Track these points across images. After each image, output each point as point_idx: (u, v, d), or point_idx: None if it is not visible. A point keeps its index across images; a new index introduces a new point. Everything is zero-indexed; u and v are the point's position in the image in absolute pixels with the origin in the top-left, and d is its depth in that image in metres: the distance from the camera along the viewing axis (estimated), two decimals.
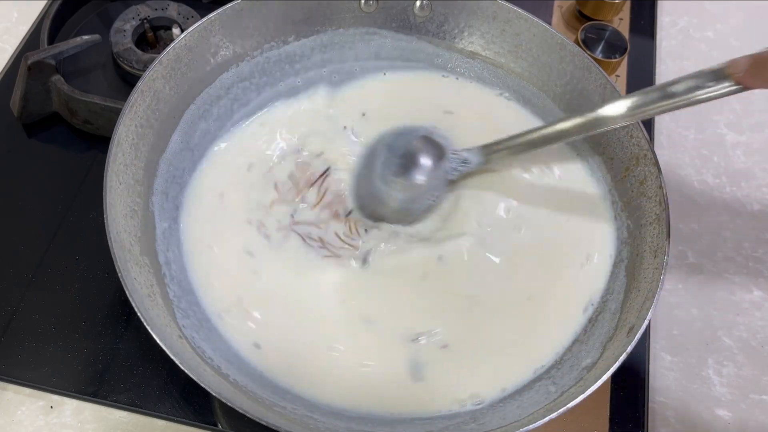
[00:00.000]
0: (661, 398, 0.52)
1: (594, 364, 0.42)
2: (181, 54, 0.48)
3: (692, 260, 0.59)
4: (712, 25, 0.77)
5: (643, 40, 0.73)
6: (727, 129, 0.68)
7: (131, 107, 0.45)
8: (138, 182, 0.45)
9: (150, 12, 0.63)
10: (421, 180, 0.49)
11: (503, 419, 0.41)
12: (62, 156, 0.58)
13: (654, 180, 0.46)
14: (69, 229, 0.54)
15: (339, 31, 0.56)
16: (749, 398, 0.53)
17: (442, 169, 0.49)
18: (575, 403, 0.38)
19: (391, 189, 0.49)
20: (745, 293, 0.58)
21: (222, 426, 0.47)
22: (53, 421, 0.47)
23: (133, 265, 0.42)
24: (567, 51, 0.52)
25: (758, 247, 0.60)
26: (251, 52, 0.53)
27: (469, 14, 0.55)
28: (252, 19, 0.52)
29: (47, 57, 0.55)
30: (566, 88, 0.53)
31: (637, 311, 0.43)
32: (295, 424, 0.39)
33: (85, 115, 0.57)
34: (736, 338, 0.55)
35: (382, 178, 0.49)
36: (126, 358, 0.48)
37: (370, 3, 0.55)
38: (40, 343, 0.49)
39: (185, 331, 0.42)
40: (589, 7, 0.71)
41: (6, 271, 0.52)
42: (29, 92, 0.56)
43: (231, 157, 0.52)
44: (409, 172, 0.49)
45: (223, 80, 0.52)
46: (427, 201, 0.50)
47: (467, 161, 0.50)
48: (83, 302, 0.51)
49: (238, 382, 0.42)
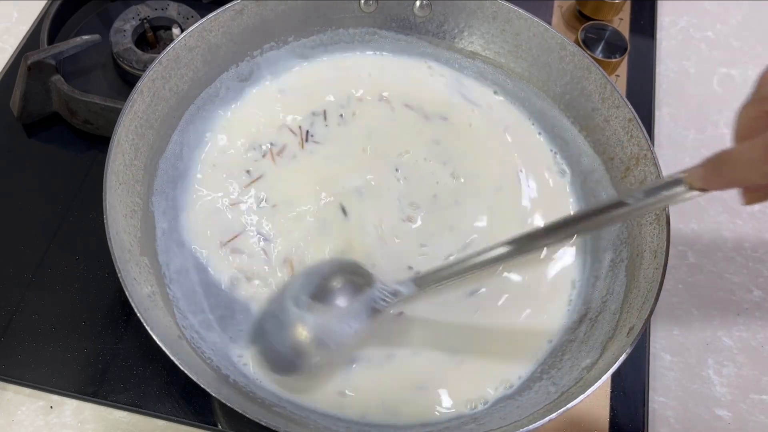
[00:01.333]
0: (661, 398, 0.52)
1: (594, 364, 0.42)
2: (181, 54, 0.48)
3: (692, 260, 0.59)
4: (712, 25, 0.77)
5: (643, 40, 0.73)
6: (727, 129, 0.68)
7: (131, 107, 0.45)
8: (138, 182, 0.45)
9: (150, 12, 0.63)
10: (340, 303, 0.44)
11: (503, 419, 0.41)
12: (62, 156, 0.58)
13: (654, 180, 0.46)
14: (69, 229, 0.54)
15: (339, 31, 0.56)
16: (749, 398, 0.53)
17: (367, 296, 0.44)
18: (575, 403, 0.38)
19: (303, 311, 0.43)
20: (745, 293, 0.58)
21: (222, 426, 0.47)
22: (53, 421, 0.47)
23: (133, 265, 0.42)
24: (567, 51, 0.52)
25: (758, 247, 0.60)
26: (251, 52, 0.53)
27: (469, 14, 0.55)
28: (252, 19, 0.52)
29: (47, 57, 0.55)
30: (566, 88, 0.53)
31: (637, 311, 0.43)
32: (295, 424, 0.39)
33: (85, 115, 0.57)
34: (736, 338, 0.55)
35: (294, 300, 0.44)
36: (126, 358, 0.48)
37: (370, 3, 0.55)
38: (40, 343, 0.49)
39: (185, 331, 0.43)
40: (589, 7, 0.71)
41: (6, 271, 0.52)
42: (29, 92, 0.56)
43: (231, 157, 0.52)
44: (327, 294, 0.44)
45: (223, 80, 0.52)
46: (346, 331, 0.44)
47: (397, 293, 0.45)
48: (83, 302, 0.50)
49: (238, 382, 0.42)
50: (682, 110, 0.69)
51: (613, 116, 0.50)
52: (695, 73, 0.72)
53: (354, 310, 0.44)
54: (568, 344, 0.46)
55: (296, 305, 0.44)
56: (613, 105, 0.50)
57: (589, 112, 0.52)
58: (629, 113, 0.49)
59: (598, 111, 0.51)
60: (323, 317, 0.43)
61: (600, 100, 0.51)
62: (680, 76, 0.72)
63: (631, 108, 0.49)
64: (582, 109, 0.53)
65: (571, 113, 0.54)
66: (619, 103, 0.49)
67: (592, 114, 0.52)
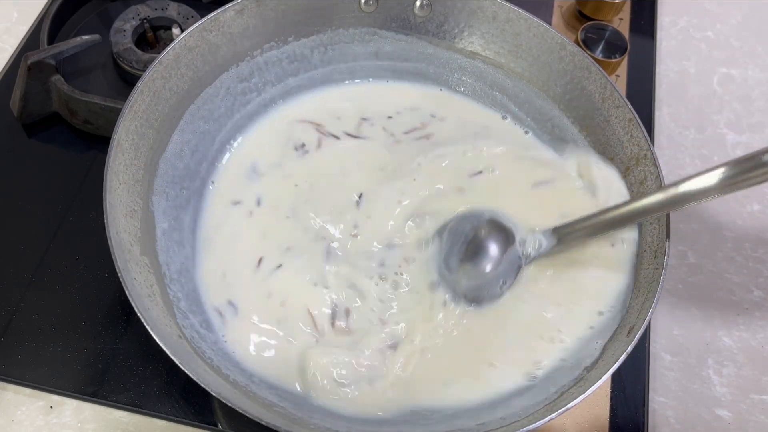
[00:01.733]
0: (661, 398, 0.52)
1: (594, 364, 0.42)
2: (181, 54, 0.48)
3: (692, 260, 0.59)
4: (712, 25, 0.77)
5: (643, 40, 0.73)
6: (727, 129, 0.68)
7: (131, 107, 0.45)
8: (138, 182, 0.45)
9: (150, 12, 0.63)
10: (489, 268, 0.45)
11: (503, 419, 0.41)
12: (62, 156, 0.58)
13: (654, 180, 0.46)
14: (69, 229, 0.54)
15: (339, 31, 0.56)
16: (749, 398, 0.53)
17: (511, 253, 0.46)
18: (575, 403, 0.38)
19: (457, 276, 0.46)
20: (745, 293, 0.58)
21: (222, 426, 0.47)
22: (53, 421, 0.47)
23: (133, 265, 0.41)
24: (567, 51, 0.52)
25: (758, 247, 0.60)
26: (251, 52, 0.53)
27: (469, 14, 0.55)
28: (252, 19, 0.52)
29: (47, 57, 0.55)
30: (566, 88, 0.53)
31: (637, 311, 0.43)
32: (295, 424, 0.39)
33: (85, 115, 0.57)
34: (736, 338, 0.55)
35: (447, 265, 0.47)
36: (126, 358, 0.48)
37: (370, 3, 0.55)
38: (40, 343, 0.49)
39: (185, 331, 0.43)
40: (589, 7, 0.71)
41: (6, 271, 0.52)
42: (29, 92, 0.56)
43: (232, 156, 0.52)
44: (477, 260, 0.46)
45: (223, 80, 0.52)
46: (494, 290, 0.46)
47: (541, 245, 0.46)
48: (83, 302, 0.50)
49: (238, 382, 0.42)
50: (682, 110, 0.69)
51: (613, 116, 0.50)
52: (695, 73, 0.72)
53: (503, 270, 0.46)
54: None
55: (447, 269, 0.46)
56: (613, 105, 0.50)
57: (589, 112, 0.52)
58: (629, 113, 0.49)
59: (598, 111, 0.51)
60: (476, 281, 0.46)
61: (600, 100, 0.51)
62: (680, 76, 0.72)
63: (631, 108, 0.49)
64: (582, 109, 0.53)
65: (571, 113, 0.54)
66: (619, 103, 0.49)
67: (592, 114, 0.52)
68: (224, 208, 0.51)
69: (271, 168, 0.53)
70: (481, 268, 0.46)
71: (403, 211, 0.50)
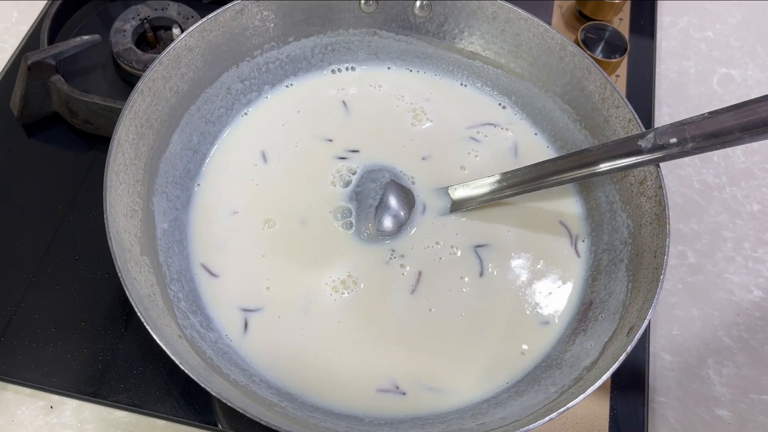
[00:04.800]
0: (661, 398, 0.52)
1: (594, 364, 0.42)
2: (181, 54, 0.48)
3: (692, 260, 0.59)
4: (712, 25, 0.77)
5: (643, 40, 0.73)
6: None
7: (131, 107, 0.45)
8: (138, 182, 0.45)
9: (150, 12, 0.63)
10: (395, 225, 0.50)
11: (503, 419, 0.41)
12: (62, 156, 0.58)
13: (654, 180, 0.46)
14: (69, 229, 0.54)
15: (339, 32, 0.56)
16: (749, 398, 0.53)
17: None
18: (575, 403, 0.38)
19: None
20: (745, 293, 0.58)
21: (222, 426, 0.47)
22: (53, 421, 0.47)
23: (133, 265, 0.41)
24: (567, 51, 0.52)
25: (758, 247, 0.60)
26: (251, 52, 0.53)
27: (469, 14, 0.55)
28: (252, 19, 0.52)
29: (47, 57, 0.55)
30: (566, 88, 0.53)
31: (637, 311, 0.43)
32: (295, 424, 0.39)
33: (85, 115, 0.57)
34: (736, 338, 0.55)
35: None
36: (126, 358, 0.48)
37: (370, 3, 0.55)
38: (40, 343, 0.49)
39: (185, 330, 0.43)
40: (589, 7, 0.71)
41: (6, 271, 0.52)
42: (29, 92, 0.56)
43: (232, 156, 0.52)
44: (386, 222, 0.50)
45: (223, 80, 0.52)
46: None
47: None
48: (83, 302, 0.51)
49: (239, 382, 0.42)
50: (682, 110, 0.69)
51: (613, 116, 0.50)
52: (695, 73, 0.73)
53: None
54: (570, 339, 0.46)
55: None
56: (613, 105, 0.50)
57: (589, 112, 0.52)
58: (629, 113, 0.49)
59: (598, 111, 0.51)
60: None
61: (600, 100, 0.51)
62: (680, 76, 0.72)
63: (631, 108, 0.49)
64: (582, 109, 0.53)
65: (571, 114, 0.54)
66: (619, 103, 0.50)
67: (592, 114, 0.52)
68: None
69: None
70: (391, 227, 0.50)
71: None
